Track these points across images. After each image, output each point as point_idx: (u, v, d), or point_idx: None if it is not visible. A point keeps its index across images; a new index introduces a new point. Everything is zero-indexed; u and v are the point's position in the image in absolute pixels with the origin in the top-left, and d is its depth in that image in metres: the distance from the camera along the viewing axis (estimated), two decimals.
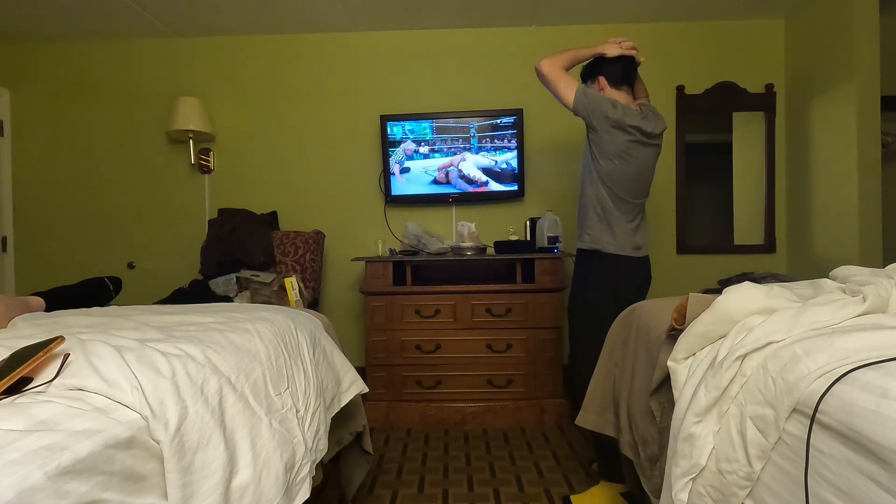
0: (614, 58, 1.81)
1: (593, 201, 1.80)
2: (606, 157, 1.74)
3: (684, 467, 0.88)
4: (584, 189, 1.84)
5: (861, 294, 0.87)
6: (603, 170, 1.76)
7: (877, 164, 2.40)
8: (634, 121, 1.72)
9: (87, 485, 0.57)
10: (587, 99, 1.72)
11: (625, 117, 1.70)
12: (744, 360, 0.83)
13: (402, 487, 1.86)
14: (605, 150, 1.73)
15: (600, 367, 1.63)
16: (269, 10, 2.77)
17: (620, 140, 1.71)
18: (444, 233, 2.99)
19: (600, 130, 1.72)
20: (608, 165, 1.75)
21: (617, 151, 1.73)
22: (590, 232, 1.81)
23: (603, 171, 1.76)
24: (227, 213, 2.89)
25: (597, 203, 1.79)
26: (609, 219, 1.78)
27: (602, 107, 1.71)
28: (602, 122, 1.71)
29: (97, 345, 0.79)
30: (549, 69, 1.75)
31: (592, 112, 1.72)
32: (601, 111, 1.71)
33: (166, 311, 1.35)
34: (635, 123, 1.72)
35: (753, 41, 2.95)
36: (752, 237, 2.99)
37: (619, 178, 1.75)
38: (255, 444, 0.90)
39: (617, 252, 1.77)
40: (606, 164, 1.75)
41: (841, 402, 0.65)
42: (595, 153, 1.76)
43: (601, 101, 1.72)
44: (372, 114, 2.98)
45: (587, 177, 1.82)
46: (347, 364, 1.52)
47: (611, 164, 1.74)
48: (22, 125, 3.11)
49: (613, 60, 1.81)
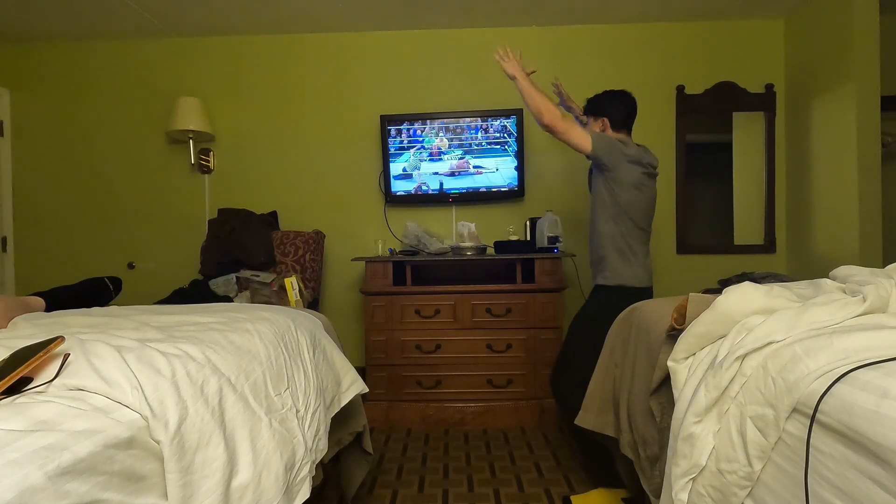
0: (617, 102, 1.92)
1: (614, 238, 1.85)
2: (626, 189, 1.81)
3: (684, 467, 0.88)
4: (598, 228, 1.89)
5: (861, 294, 0.87)
6: (625, 201, 1.82)
7: (877, 164, 2.40)
8: (644, 157, 1.82)
9: (87, 485, 0.57)
10: (603, 141, 1.80)
11: (637, 155, 1.81)
12: (744, 360, 0.83)
13: (402, 487, 1.86)
14: (625, 181, 1.81)
15: (600, 367, 1.63)
16: (269, 10, 2.76)
17: (636, 172, 1.82)
18: (444, 233, 2.98)
19: (617, 166, 1.79)
20: (630, 196, 1.82)
21: (635, 182, 1.82)
22: (611, 269, 1.85)
23: (625, 202, 1.82)
24: (227, 213, 2.89)
25: (618, 238, 1.84)
26: (629, 253, 1.85)
27: (617, 146, 1.80)
28: (619, 158, 1.79)
29: (97, 345, 0.79)
30: (556, 121, 1.79)
31: (610, 152, 1.79)
32: (618, 150, 1.80)
33: (166, 311, 1.35)
34: (647, 160, 1.83)
35: (753, 41, 2.95)
36: (752, 237, 2.98)
37: (639, 207, 1.84)
38: (255, 444, 0.90)
39: (637, 284, 1.84)
40: (627, 195, 1.82)
41: (841, 402, 0.65)
42: (614, 188, 1.82)
43: (613, 140, 1.82)
44: (372, 114, 2.98)
45: (603, 215, 1.86)
46: (347, 364, 1.52)
47: (631, 194, 1.82)
48: (22, 125, 3.11)
49: (616, 104, 1.91)
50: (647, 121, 2.96)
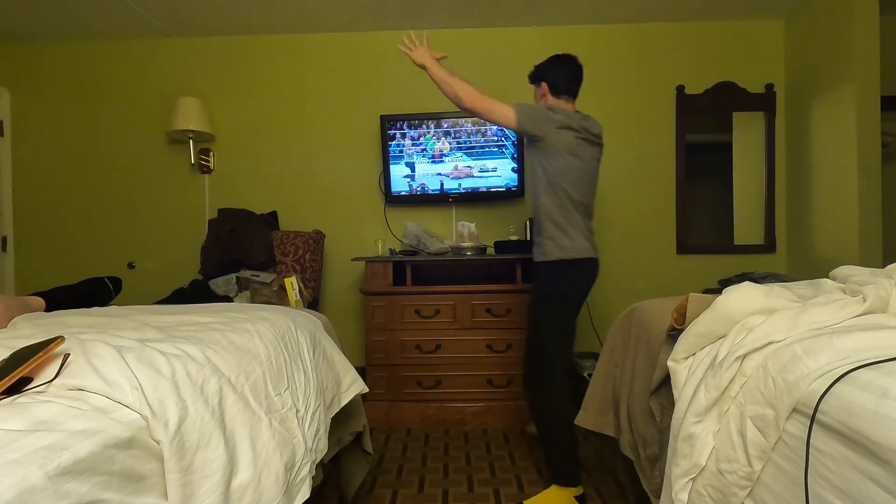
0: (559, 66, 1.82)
1: (550, 211, 1.76)
2: (559, 156, 1.71)
3: (684, 467, 0.88)
4: (535, 203, 1.81)
5: (861, 294, 0.87)
6: (557, 169, 1.72)
7: (877, 164, 2.40)
8: (577, 123, 1.72)
9: (87, 485, 0.57)
10: (527, 111, 1.71)
11: (568, 119, 1.71)
12: (744, 360, 0.83)
13: (402, 487, 1.86)
14: (557, 148, 1.70)
15: (600, 367, 1.63)
16: (269, 10, 2.76)
17: (569, 138, 1.70)
18: (444, 233, 2.98)
19: (548, 134, 1.70)
20: (562, 163, 1.71)
21: (568, 148, 1.71)
22: (554, 243, 1.76)
23: (557, 170, 1.72)
24: (227, 213, 2.89)
25: (555, 210, 1.75)
26: (567, 225, 1.74)
27: (543, 113, 1.71)
28: (548, 125, 1.69)
29: (97, 345, 0.79)
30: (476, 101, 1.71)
31: (535, 122, 1.70)
32: (544, 117, 1.70)
33: (166, 311, 1.35)
34: (580, 125, 1.72)
35: (753, 41, 2.95)
36: (752, 237, 2.98)
37: (574, 176, 1.73)
38: (255, 444, 0.90)
39: (581, 256, 1.74)
40: (560, 161, 1.71)
41: (841, 402, 0.65)
42: (545, 159, 1.73)
43: (538, 108, 1.74)
44: (372, 114, 2.98)
45: (540, 188, 1.77)
46: (347, 364, 1.52)
47: (564, 161, 1.71)
48: (22, 125, 3.11)
49: (559, 68, 1.82)
50: (647, 121, 2.99)
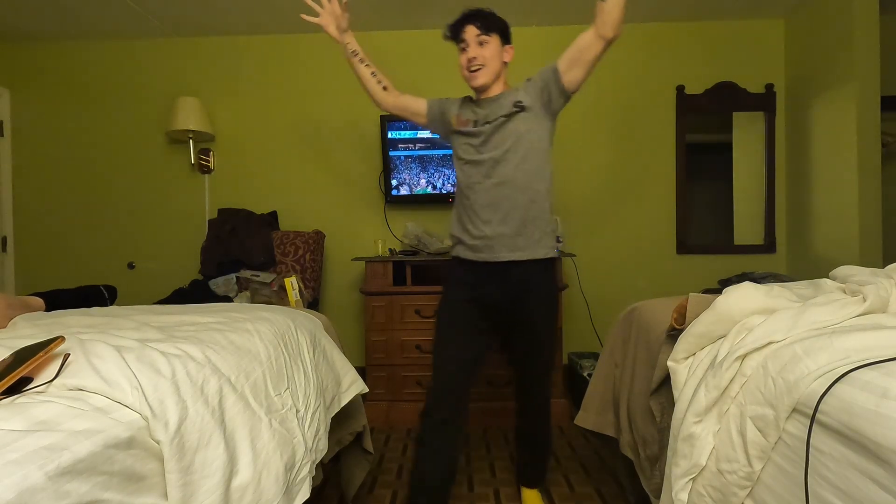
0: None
1: (547, 197, 1.46)
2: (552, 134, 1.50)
3: (684, 467, 0.88)
4: (538, 186, 1.44)
5: (861, 294, 0.87)
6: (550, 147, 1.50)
7: (877, 164, 2.40)
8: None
9: (87, 485, 0.57)
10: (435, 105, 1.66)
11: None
12: (744, 360, 0.83)
13: (402, 487, 1.86)
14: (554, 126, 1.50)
15: (600, 367, 1.63)
16: (269, 10, 2.76)
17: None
18: (444, 233, 2.98)
19: (561, 102, 1.48)
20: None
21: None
22: (555, 235, 1.54)
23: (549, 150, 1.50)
24: (227, 213, 2.89)
25: (549, 197, 1.47)
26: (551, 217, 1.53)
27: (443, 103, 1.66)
28: (560, 91, 1.47)
29: (97, 345, 0.79)
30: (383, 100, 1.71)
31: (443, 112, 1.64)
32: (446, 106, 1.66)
33: (166, 311, 1.35)
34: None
35: (753, 41, 2.95)
36: (752, 237, 2.98)
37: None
38: (255, 444, 0.90)
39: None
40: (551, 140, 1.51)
41: (841, 402, 0.65)
42: (552, 134, 1.49)
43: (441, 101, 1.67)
44: (372, 114, 2.98)
45: (545, 170, 1.46)
46: (347, 364, 1.52)
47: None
48: (22, 125, 3.11)
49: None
50: (647, 121, 2.99)
